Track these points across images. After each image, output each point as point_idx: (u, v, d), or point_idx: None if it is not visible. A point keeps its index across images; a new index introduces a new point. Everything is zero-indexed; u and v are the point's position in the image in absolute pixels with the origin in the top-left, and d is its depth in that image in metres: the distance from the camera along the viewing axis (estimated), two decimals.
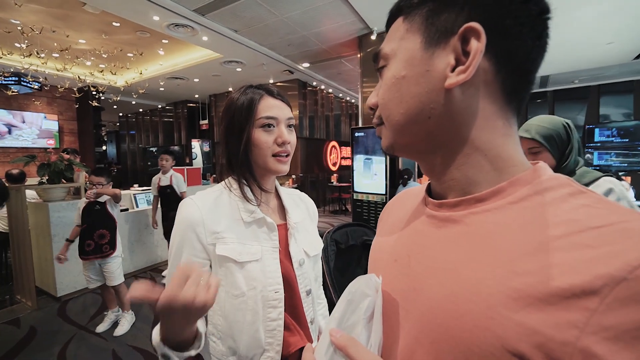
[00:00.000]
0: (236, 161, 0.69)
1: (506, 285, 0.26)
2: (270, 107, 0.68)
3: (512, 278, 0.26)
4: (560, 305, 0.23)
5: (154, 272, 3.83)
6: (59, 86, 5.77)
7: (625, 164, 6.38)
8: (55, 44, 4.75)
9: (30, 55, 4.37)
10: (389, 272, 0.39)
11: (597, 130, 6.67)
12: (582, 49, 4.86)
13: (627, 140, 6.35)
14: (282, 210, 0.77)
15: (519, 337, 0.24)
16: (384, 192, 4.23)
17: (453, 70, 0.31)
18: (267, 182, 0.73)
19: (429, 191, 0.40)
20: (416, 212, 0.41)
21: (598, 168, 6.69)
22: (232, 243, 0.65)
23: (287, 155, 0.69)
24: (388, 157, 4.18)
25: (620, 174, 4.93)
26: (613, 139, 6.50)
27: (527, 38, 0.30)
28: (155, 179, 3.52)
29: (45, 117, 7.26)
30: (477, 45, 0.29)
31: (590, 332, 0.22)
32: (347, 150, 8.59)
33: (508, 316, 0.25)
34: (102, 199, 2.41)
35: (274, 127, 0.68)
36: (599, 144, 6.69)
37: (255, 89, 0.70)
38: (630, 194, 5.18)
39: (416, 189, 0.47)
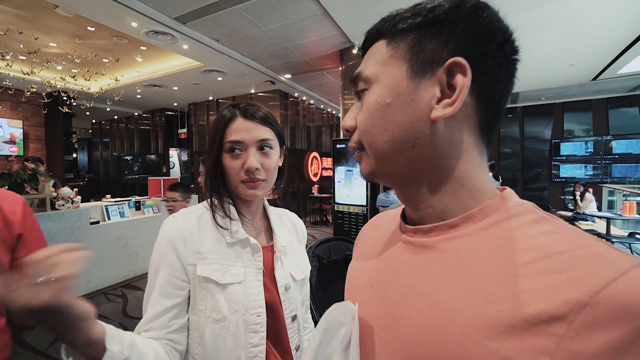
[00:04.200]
0: (209, 182, 0.68)
1: (481, 312, 0.27)
2: (237, 130, 0.65)
3: (486, 305, 0.27)
4: (531, 332, 0.24)
5: (125, 288, 3.61)
6: (25, 90, 5.44)
7: (587, 176, 6.90)
8: (22, 46, 4.50)
9: None
10: (365, 299, 0.39)
11: (562, 145, 7.18)
12: (547, 69, 5.23)
13: (587, 154, 6.87)
14: (269, 231, 0.75)
15: None
16: (364, 204, 4.27)
17: (438, 102, 0.31)
18: (251, 203, 0.71)
19: (404, 217, 0.40)
20: (392, 237, 0.41)
21: (564, 180, 7.17)
22: (214, 264, 0.62)
23: (259, 181, 0.66)
24: None
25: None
26: (575, 152, 7.03)
27: (503, 77, 0.32)
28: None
29: (7, 124, 6.78)
30: (463, 81, 0.30)
31: (560, 359, 0.22)
32: (328, 161, 8.64)
33: (483, 345, 0.26)
34: None
35: (241, 151, 0.65)
36: (564, 157, 7.17)
37: (232, 109, 0.68)
38: (594, 205, 5.42)
39: (391, 213, 0.48)
